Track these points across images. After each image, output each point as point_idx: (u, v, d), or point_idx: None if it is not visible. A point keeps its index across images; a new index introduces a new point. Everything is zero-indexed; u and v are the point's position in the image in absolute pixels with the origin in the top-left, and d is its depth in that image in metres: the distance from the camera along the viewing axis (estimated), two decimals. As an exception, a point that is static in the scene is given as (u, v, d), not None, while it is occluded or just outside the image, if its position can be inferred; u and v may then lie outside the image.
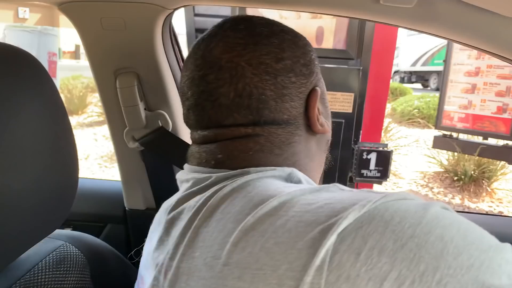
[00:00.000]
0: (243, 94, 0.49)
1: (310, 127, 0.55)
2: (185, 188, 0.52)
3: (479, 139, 4.55)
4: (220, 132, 0.51)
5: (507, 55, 0.74)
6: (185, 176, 0.53)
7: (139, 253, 0.64)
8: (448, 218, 0.36)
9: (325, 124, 0.56)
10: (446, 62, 4.54)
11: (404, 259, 0.33)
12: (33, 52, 0.58)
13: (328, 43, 2.27)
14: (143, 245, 0.60)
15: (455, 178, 5.02)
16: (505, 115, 4.11)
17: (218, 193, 0.45)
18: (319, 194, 0.41)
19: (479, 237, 0.35)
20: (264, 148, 0.50)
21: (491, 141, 4.49)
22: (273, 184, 0.45)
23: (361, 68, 2.18)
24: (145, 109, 0.96)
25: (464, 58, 4.31)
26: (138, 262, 0.61)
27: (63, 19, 0.86)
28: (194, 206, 0.47)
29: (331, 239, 0.34)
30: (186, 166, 0.56)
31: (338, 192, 0.41)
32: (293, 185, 0.46)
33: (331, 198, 0.39)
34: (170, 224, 0.51)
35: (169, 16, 0.88)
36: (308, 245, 0.35)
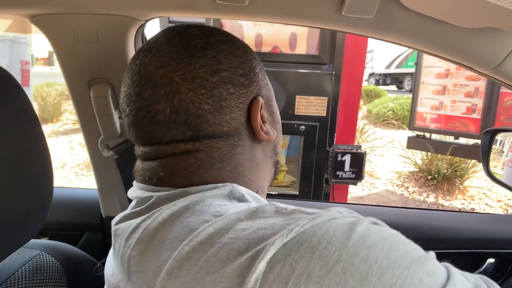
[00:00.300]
0: (179, 110, 0.47)
1: (254, 135, 0.54)
2: (131, 206, 0.52)
3: (450, 139, 4.70)
4: (160, 149, 0.50)
5: (460, 60, 0.79)
6: (131, 194, 0.53)
7: None
8: (373, 236, 0.36)
9: (271, 131, 0.56)
10: (418, 64, 4.68)
11: (331, 284, 0.33)
12: (5, 62, 0.58)
13: (301, 49, 2.32)
14: None
15: (429, 177, 5.16)
16: (474, 115, 4.26)
17: (157, 217, 0.44)
18: (255, 219, 0.40)
19: (402, 253, 0.35)
20: (205, 163, 0.49)
21: (462, 140, 4.64)
22: (212, 205, 0.44)
23: (334, 72, 2.23)
24: (119, 118, 0.97)
25: (434, 61, 4.44)
26: None
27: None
28: (134, 228, 0.47)
29: (260, 267, 0.34)
30: (134, 182, 0.55)
31: (272, 215, 0.40)
32: (233, 205, 0.45)
33: (264, 223, 0.38)
34: (115, 242, 0.50)
35: (142, 27, 0.89)
36: (237, 273, 0.35)
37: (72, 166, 5.74)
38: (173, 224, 0.43)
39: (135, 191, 0.52)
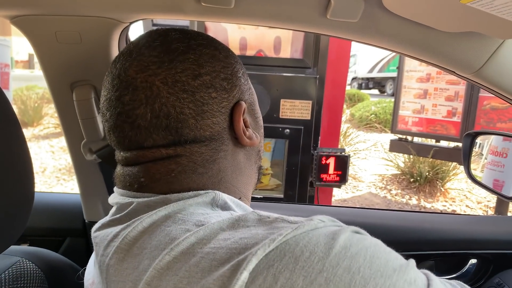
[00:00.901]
0: (160, 114, 0.47)
1: (237, 140, 0.53)
2: (111, 213, 0.51)
3: (432, 141, 4.78)
4: (141, 154, 0.49)
5: (442, 64, 0.80)
6: (112, 200, 0.52)
7: None
8: (355, 245, 0.36)
9: (254, 136, 0.55)
10: (400, 69, 4.75)
11: None
12: (-16, 64, 0.57)
13: (285, 53, 2.33)
14: None
15: (411, 179, 5.23)
16: (455, 119, 4.35)
17: (137, 226, 0.44)
18: (237, 228, 0.40)
19: (384, 263, 0.35)
20: (187, 169, 0.49)
21: (443, 143, 4.72)
22: (194, 214, 0.44)
23: (318, 76, 2.25)
24: (102, 121, 0.96)
25: (416, 65, 4.52)
26: None
27: (14, 27, 0.85)
28: (113, 236, 0.46)
29: (242, 278, 0.34)
30: (115, 188, 0.54)
31: (254, 224, 0.40)
32: (215, 213, 0.45)
33: (246, 233, 0.38)
34: (95, 249, 0.50)
35: (126, 29, 0.88)
36: (219, 283, 0.35)
37: (53, 171, 5.64)
38: (153, 233, 0.42)
39: (116, 197, 0.51)
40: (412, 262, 0.38)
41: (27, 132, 7.63)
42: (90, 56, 0.87)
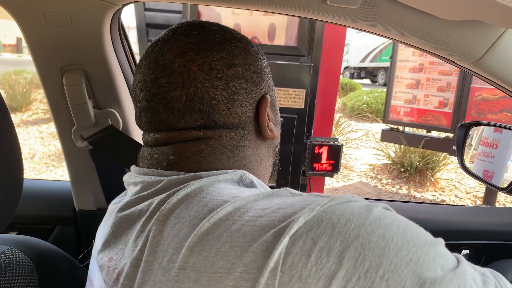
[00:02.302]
0: (194, 98, 0.49)
1: (260, 132, 0.56)
2: (134, 191, 0.51)
3: (423, 132, 4.81)
4: (172, 135, 0.51)
5: (442, 53, 0.79)
6: (133, 179, 0.53)
7: (89, 255, 0.63)
8: (388, 218, 0.38)
9: (275, 130, 0.58)
10: (392, 58, 4.75)
11: (350, 258, 0.35)
12: (-29, 47, 0.55)
13: (280, 40, 2.30)
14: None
15: (402, 169, 5.27)
16: (446, 109, 4.37)
17: (172, 198, 0.45)
18: (272, 200, 0.42)
19: (416, 235, 0.38)
20: (216, 150, 0.51)
21: (434, 133, 4.76)
22: (226, 189, 0.45)
23: (312, 64, 2.23)
24: (94, 107, 0.93)
25: (408, 55, 4.52)
26: (89, 264, 0.60)
27: (2, 10, 0.81)
28: (147, 211, 0.47)
29: (284, 242, 0.36)
30: (133, 168, 0.55)
31: (289, 197, 0.43)
32: (246, 189, 0.47)
33: (282, 203, 0.40)
34: (118, 228, 0.50)
35: (118, 12, 0.86)
36: (262, 248, 0.37)
37: (42, 157, 5.58)
38: (189, 204, 0.44)
39: (137, 176, 0.52)
40: (441, 240, 0.40)
41: (15, 118, 7.51)
42: (81, 40, 0.84)
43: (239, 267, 0.37)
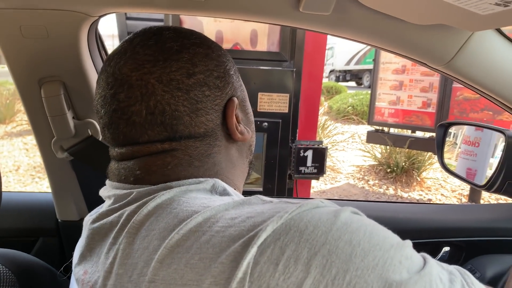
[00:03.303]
0: (155, 111, 0.48)
1: (230, 135, 0.55)
2: (108, 204, 0.51)
3: (408, 132, 4.87)
4: (136, 149, 0.50)
5: (414, 56, 0.81)
6: (106, 193, 0.53)
7: (71, 267, 0.63)
8: (356, 222, 0.38)
9: (245, 131, 0.57)
10: (375, 61, 4.81)
11: (318, 265, 0.35)
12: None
13: (262, 46, 2.32)
14: None
15: (388, 170, 5.33)
16: (430, 109, 4.44)
17: (142, 210, 0.45)
18: (242, 208, 0.42)
19: (382, 238, 0.38)
20: (183, 162, 0.50)
21: (419, 134, 4.82)
22: (198, 198, 0.45)
23: (295, 69, 2.25)
24: (73, 118, 0.93)
25: (391, 57, 4.58)
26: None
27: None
28: (117, 222, 0.47)
29: (252, 252, 0.36)
30: (107, 182, 0.55)
31: (259, 205, 0.42)
32: (217, 198, 0.47)
33: (252, 212, 0.40)
34: (91, 240, 0.50)
35: (95, 23, 0.86)
36: (230, 258, 0.36)
37: (27, 169, 5.50)
38: (160, 215, 0.43)
39: (110, 190, 0.52)
40: (409, 242, 0.40)
41: (-1, 130, 7.41)
42: (58, 51, 0.84)
43: (208, 279, 0.37)
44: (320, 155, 2.31)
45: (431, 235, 1.15)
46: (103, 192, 0.54)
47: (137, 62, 0.49)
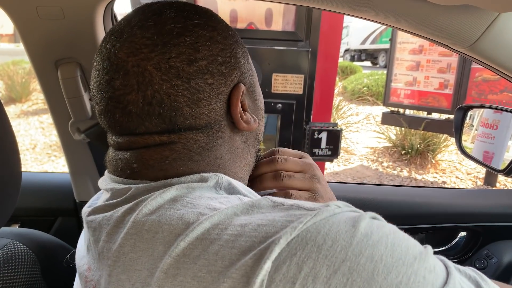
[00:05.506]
0: (152, 102, 0.44)
1: (234, 125, 0.51)
2: (105, 198, 0.49)
3: (423, 114, 4.80)
4: (133, 140, 0.47)
5: (436, 38, 0.78)
6: (105, 185, 0.50)
7: None
8: (376, 233, 0.36)
9: (251, 120, 0.52)
10: (392, 40, 4.70)
11: (338, 284, 0.33)
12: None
13: (277, 25, 2.29)
14: None
15: (403, 152, 5.28)
16: (447, 91, 4.35)
17: (142, 209, 0.42)
18: (252, 213, 0.39)
19: (405, 250, 0.36)
20: (182, 156, 0.47)
21: (435, 115, 4.74)
22: (202, 198, 0.42)
23: (310, 49, 2.22)
24: (90, 99, 0.94)
25: (408, 37, 4.47)
26: None
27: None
28: (114, 219, 0.44)
29: (265, 268, 0.33)
30: (106, 173, 0.52)
31: (270, 210, 0.39)
32: (223, 196, 0.44)
33: (263, 219, 0.38)
34: (88, 234, 0.48)
35: (110, 3, 0.85)
36: (241, 273, 0.34)
37: (44, 147, 5.59)
38: (162, 216, 0.40)
39: (108, 183, 0.49)
40: (430, 248, 0.38)
41: (15, 108, 7.51)
42: (74, 33, 0.84)
43: None
44: (335, 137, 2.29)
45: (448, 220, 1.14)
46: (101, 183, 0.52)
47: (134, 46, 0.45)
